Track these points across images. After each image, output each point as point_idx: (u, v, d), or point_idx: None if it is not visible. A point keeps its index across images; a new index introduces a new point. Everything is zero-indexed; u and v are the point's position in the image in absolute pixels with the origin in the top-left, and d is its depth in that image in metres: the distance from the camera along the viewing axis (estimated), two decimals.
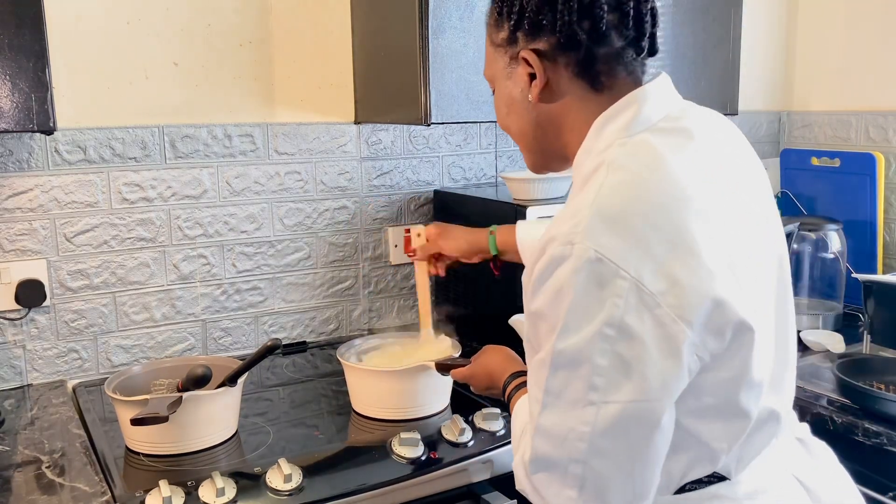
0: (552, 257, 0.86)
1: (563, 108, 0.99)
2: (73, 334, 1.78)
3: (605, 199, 0.86)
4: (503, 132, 2.30)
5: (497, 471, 1.48)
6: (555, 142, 1.03)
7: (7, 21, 1.33)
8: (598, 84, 0.96)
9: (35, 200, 1.71)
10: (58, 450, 1.43)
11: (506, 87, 1.03)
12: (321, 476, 1.34)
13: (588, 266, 0.83)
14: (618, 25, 0.94)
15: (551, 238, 0.88)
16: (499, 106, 1.07)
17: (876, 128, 1.94)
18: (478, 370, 1.33)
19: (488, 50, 1.05)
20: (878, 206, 1.96)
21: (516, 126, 1.06)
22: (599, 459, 0.86)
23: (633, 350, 0.83)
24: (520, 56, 0.98)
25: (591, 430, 0.85)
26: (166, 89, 1.81)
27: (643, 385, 0.84)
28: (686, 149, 0.92)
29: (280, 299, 2.02)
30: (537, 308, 0.89)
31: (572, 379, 0.86)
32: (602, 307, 0.83)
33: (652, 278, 0.83)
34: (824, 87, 2.15)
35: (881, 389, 1.55)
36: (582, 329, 0.84)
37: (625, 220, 0.85)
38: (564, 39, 0.94)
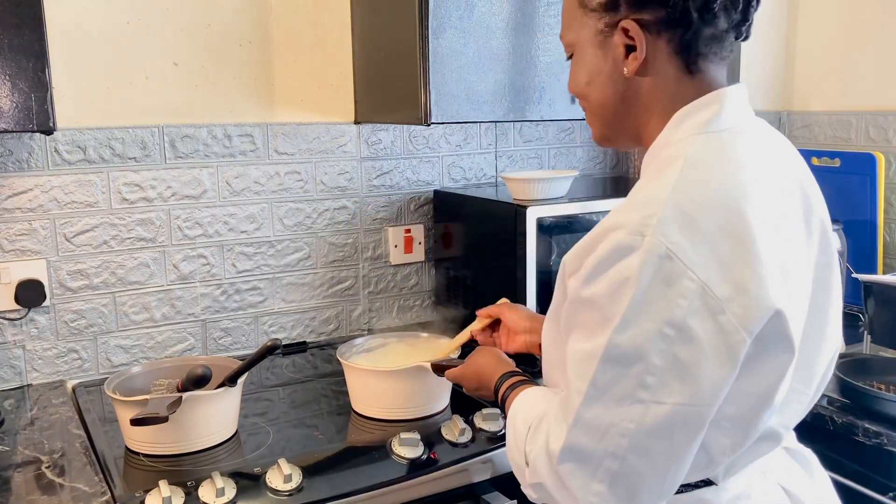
0: (619, 245, 0.84)
1: (652, 85, 0.95)
2: (72, 334, 1.78)
3: (680, 195, 0.85)
4: (502, 132, 2.32)
5: (497, 471, 1.48)
6: (635, 120, 0.98)
7: (7, 21, 1.33)
8: (692, 66, 0.94)
9: (35, 200, 1.71)
10: (58, 450, 1.43)
11: (592, 55, 0.97)
12: (321, 476, 1.34)
13: (657, 261, 0.81)
14: (728, 7, 0.91)
15: (617, 225, 0.85)
16: (577, 73, 1.00)
17: (876, 128, 1.94)
18: (467, 371, 1.32)
19: (572, 11, 0.98)
20: (878, 206, 1.96)
21: (598, 97, 0.99)
22: (638, 457, 0.85)
23: (690, 353, 0.82)
24: (620, 25, 0.92)
25: (636, 428, 0.84)
26: (166, 89, 1.81)
27: (695, 389, 0.83)
28: (757, 157, 0.92)
29: (280, 299, 2.01)
30: (591, 295, 0.86)
31: (623, 375, 0.84)
32: (666, 306, 0.81)
33: (719, 283, 0.82)
34: (824, 87, 2.15)
35: (881, 389, 1.55)
36: (641, 325, 0.82)
37: (698, 220, 0.83)
38: (675, 14, 0.90)
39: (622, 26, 0.92)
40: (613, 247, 0.84)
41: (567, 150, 2.41)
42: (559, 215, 1.79)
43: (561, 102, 1.88)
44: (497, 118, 1.81)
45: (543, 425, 0.96)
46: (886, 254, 2.08)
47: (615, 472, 0.86)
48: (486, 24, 1.74)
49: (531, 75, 1.82)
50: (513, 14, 1.77)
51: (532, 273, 1.76)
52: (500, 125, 2.28)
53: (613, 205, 1.84)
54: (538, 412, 1.01)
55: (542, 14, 1.81)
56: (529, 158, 2.35)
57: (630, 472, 0.86)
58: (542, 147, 2.36)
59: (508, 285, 1.82)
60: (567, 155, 2.42)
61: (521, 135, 2.32)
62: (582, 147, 2.44)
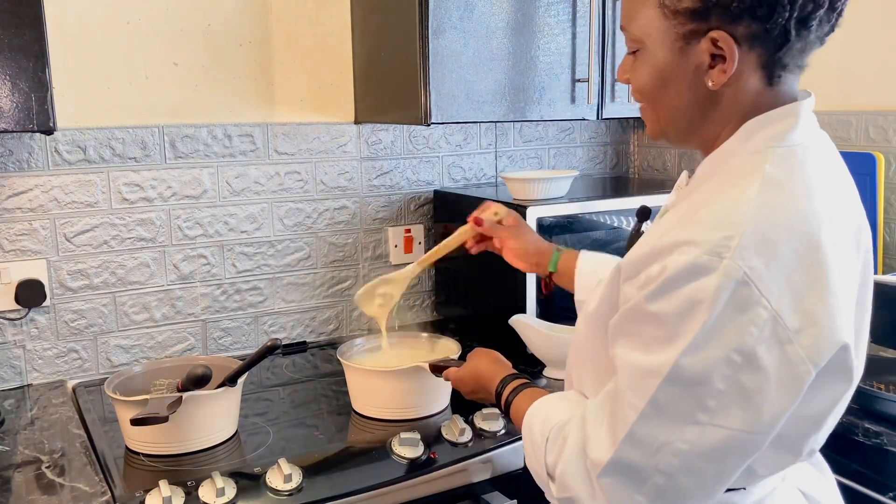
0: (694, 264, 0.81)
1: (732, 96, 0.91)
2: (73, 334, 1.78)
3: (762, 216, 0.82)
4: (502, 132, 2.32)
5: (497, 471, 1.48)
6: (707, 127, 0.94)
7: (7, 21, 1.33)
8: (774, 79, 0.90)
9: (35, 200, 1.71)
10: (58, 450, 1.43)
11: (668, 59, 0.92)
12: (321, 476, 1.34)
13: (733, 286, 0.79)
14: (822, 21, 0.87)
15: (691, 241, 0.82)
16: (644, 73, 0.95)
17: (876, 128, 1.94)
18: (464, 374, 1.30)
19: (645, 9, 0.92)
20: (878, 206, 1.96)
21: (672, 102, 0.94)
22: (687, 477, 0.85)
23: (755, 381, 0.81)
24: (709, 35, 0.87)
25: (689, 449, 0.83)
26: (166, 89, 1.81)
27: (755, 417, 0.82)
28: (826, 178, 0.90)
29: (280, 299, 2.01)
30: (658, 310, 0.84)
31: (684, 396, 0.83)
32: (737, 333, 0.80)
33: (790, 313, 0.80)
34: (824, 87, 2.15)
35: (881, 389, 1.55)
36: (710, 350, 0.81)
37: (777, 244, 0.81)
38: (773, 31, 0.86)
39: (712, 36, 0.87)
40: (688, 265, 0.82)
41: (567, 150, 2.41)
42: (559, 215, 1.79)
43: (561, 102, 1.88)
44: (497, 118, 1.81)
45: (568, 435, 0.95)
46: (886, 254, 2.08)
47: (661, 488, 0.85)
48: (486, 25, 1.74)
49: (531, 75, 1.82)
50: (513, 14, 1.77)
51: (532, 273, 1.76)
52: (500, 125, 2.28)
53: (613, 205, 1.86)
54: (558, 420, 0.99)
55: (542, 14, 1.81)
56: (529, 158, 2.35)
57: (676, 490, 0.85)
58: (542, 147, 2.36)
59: (508, 285, 1.82)
60: (567, 155, 2.42)
61: (521, 135, 2.32)
62: (582, 147, 2.44)
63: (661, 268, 0.84)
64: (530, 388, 1.15)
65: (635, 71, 0.96)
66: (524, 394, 1.14)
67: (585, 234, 1.85)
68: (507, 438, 1.50)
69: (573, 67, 1.88)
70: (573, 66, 1.88)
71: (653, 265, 0.85)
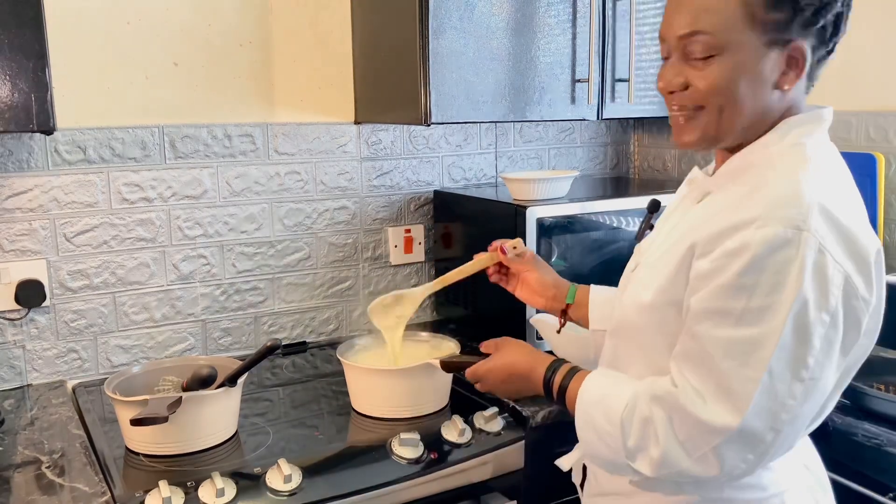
0: (777, 237, 0.92)
1: (788, 98, 1.03)
2: (72, 334, 1.78)
3: (822, 195, 0.95)
4: (503, 132, 2.31)
5: (497, 471, 1.48)
6: (761, 126, 1.04)
7: (7, 21, 1.33)
8: (812, 83, 1.06)
9: (35, 200, 1.71)
10: (58, 450, 1.43)
11: (749, 63, 1.00)
12: (321, 476, 1.34)
13: (814, 255, 0.92)
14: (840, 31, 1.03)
15: (765, 217, 0.93)
16: (722, 75, 1.01)
17: (876, 128, 1.94)
18: (496, 365, 1.26)
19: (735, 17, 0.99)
20: (878, 206, 1.96)
21: (744, 103, 1.02)
22: (791, 429, 0.96)
23: (836, 335, 0.95)
24: (792, 44, 0.99)
25: (797, 404, 0.94)
26: (166, 89, 1.81)
27: (833, 366, 0.96)
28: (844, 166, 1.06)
29: (280, 299, 2.01)
30: (749, 284, 0.93)
31: (793, 359, 0.93)
32: (824, 296, 0.93)
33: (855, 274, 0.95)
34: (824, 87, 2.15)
35: (881, 389, 1.55)
36: (809, 315, 0.92)
37: (837, 221, 0.95)
38: (829, 47, 1.02)
39: (794, 45, 1.00)
40: (772, 238, 0.92)
41: (567, 150, 2.41)
42: (559, 215, 1.79)
43: (561, 102, 1.88)
44: (497, 118, 1.81)
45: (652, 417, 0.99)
46: (887, 254, 2.08)
47: (769, 443, 0.95)
48: (487, 25, 1.74)
49: (531, 75, 1.82)
50: (513, 14, 1.77)
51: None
52: (500, 125, 2.28)
53: (614, 205, 1.86)
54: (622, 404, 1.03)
55: (542, 14, 1.81)
56: (529, 158, 2.35)
57: (780, 442, 0.96)
58: (542, 147, 2.36)
59: None
60: (567, 155, 2.42)
61: (521, 135, 2.32)
62: (582, 147, 2.44)
63: (742, 243, 0.93)
64: (581, 370, 1.15)
65: (707, 74, 1.02)
66: (577, 377, 1.13)
67: (586, 235, 1.85)
68: (508, 438, 1.50)
69: (573, 67, 1.88)
70: (573, 66, 1.87)
71: (727, 241, 0.95)
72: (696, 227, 1.02)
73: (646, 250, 1.16)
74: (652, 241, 1.16)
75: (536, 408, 1.56)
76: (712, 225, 0.98)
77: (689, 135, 1.06)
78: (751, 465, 0.97)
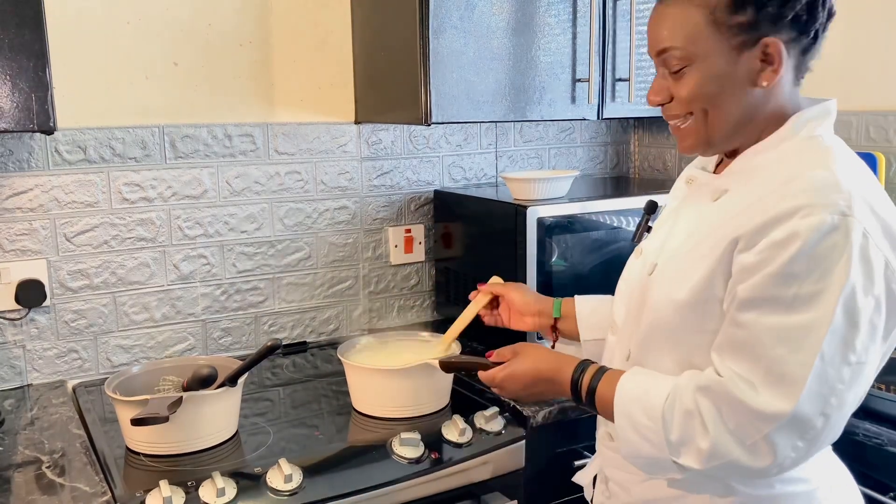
0: (825, 223, 0.93)
1: (775, 95, 1.05)
2: (73, 334, 1.78)
3: (856, 183, 0.97)
4: (503, 132, 2.31)
5: (497, 471, 1.48)
6: (754, 125, 1.06)
7: (7, 21, 1.33)
8: (800, 77, 1.06)
9: (35, 200, 1.71)
10: (58, 450, 1.43)
11: (723, 67, 1.03)
12: (321, 476, 1.34)
13: (860, 240, 0.93)
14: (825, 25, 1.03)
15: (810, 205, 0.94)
16: (699, 84, 1.04)
17: (876, 128, 1.94)
18: (517, 370, 1.23)
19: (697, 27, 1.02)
20: None
21: (727, 106, 1.05)
22: (839, 413, 0.96)
23: (880, 319, 0.96)
24: (761, 42, 1.00)
25: (845, 388, 0.95)
26: (166, 89, 1.81)
27: (878, 350, 0.98)
28: None
29: (280, 299, 2.01)
30: (799, 271, 0.94)
31: (842, 343, 0.94)
32: (869, 280, 0.94)
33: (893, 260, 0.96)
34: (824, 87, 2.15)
35: (881, 389, 1.55)
36: (857, 298, 0.93)
37: (874, 207, 0.97)
38: (809, 37, 1.02)
39: (764, 43, 1.00)
40: (820, 225, 0.93)
41: (567, 150, 2.41)
42: (559, 215, 1.79)
43: (561, 102, 1.88)
44: (497, 118, 1.81)
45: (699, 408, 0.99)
46: None
47: (819, 429, 0.95)
48: (487, 24, 1.74)
49: (531, 75, 1.82)
50: (513, 14, 1.77)
51: (532, 273, 1.76)
52: (500, 125, 2.28)
53: (614, 205, 1.86)
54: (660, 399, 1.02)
55: (543, 14, 1.81)
56: (529, 158, 2.35)
57: (830, 427, 0.96)
58: (543, 147, 2.36)
59: None
60: (567, 155, 2.42)
61: (522, 135, 2.32)
62: (582, 147, 2.44)
63: (790, 232, 0.94)
64: (609, 370, 1.14)
65: (684, 85, 1.05)
66: (607, 377, 1.12)
67: (586, 234, 1.85)
68: (507, 438, 1.50)
69: (573, 67, 1.88)
70: (573, 65, 1.87)
71: (772, 232, 0.95)
72: (726, 222, 1.02)
73: (658, 250, 1.14)
74: (663, 241, 1.14)
75: (536, 408, 1.56)
76: (750, 218, 0.98)
77: (686, 140, 1.10)
78: (800, 453, 0.97)
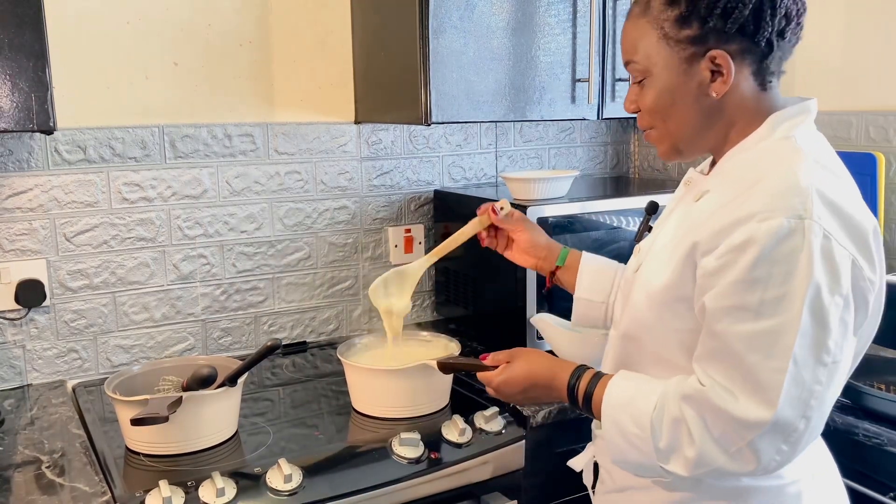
0: (782, 227, 0.94)
1: (734, 102, 1.06)
2: (72, 334, 1.78)
3: (819, 184, 0.97)
4: (503, 132, 2.31)
5: (497, 471, 1.48)
6: (717, 132, 1.09)
7: (7, 21, 1.33)
8: (766, 83, 1.07)
9: (35, 200, 1.71)
10: (58, 450, 1.43)
11: (675, 80, 1.07)
12: (321, 476, 1.34)
13: (820, 241, 0.94)
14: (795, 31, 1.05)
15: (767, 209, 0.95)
16: (654, 96, 1.09)
17: (876, 128, 1.94)
18: (514, 374, 1.23)
19: (649, 41, 1.07)
20: (878, 206, 1.96)
21: (682, 117, 1.08)
22: (818, 414, 0.97)
23: (850, 316, 0.97)
24: (708, 55, 1.03)
25: (823, 389, 0.96)
26: (166, 89, 1.81)
27: (852, 346, 0.99)
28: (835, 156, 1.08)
29: (280, 299, 2.01)
30: (761, 276, 0.94)
31: (814, 344, 0.95)
32: (835, 279, 0.94)
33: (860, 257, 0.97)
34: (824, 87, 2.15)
35: (881, 389, 1.55)
36: (823, 300, 0.94)
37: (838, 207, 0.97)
38: (760, 44, 1.03)
39: (711, 55, 1.03)
40: (777, 229, 0.94)
41: (567, 150, 2.41)
42: (559, 215, 1.79)
43: (561, 102, 1.88)
44: (497, 118, 1.81)
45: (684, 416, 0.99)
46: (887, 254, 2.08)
47: (801, 431, 0.96)
48: (487, 24, 1.74)
49: (531, 75, 1.82)
50: (513, 14, 1.77)
51: (532, 273, 1.76)
52: (500, 125, 2.28)
53: (614, 205, 1.86)
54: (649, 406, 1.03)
55: (543, 14, 1.81)
56: (529, 158, 2.35)
57: (811, 428, 0.97)
58: (543, 147, 2.36)
59: (508, 285, 1.82)
60: (567, 155, 2.42)
61: (522, 135, 2.32)
62: (582, 147, 2.44)
63: (747, 237, 0.95)
64: (606, 375, 1.14)
65: (644, 97, 1.10)
66: (603, 382, 1.12)
67: (586, 234, 1.85)
68: (508, 438, 1.50)
69: (573, 67, 1.88)
70: (573, 65, 1.87)
71: (731, 236, 0.96)
72: (696, 224, 1.04)
73: (648, 250, 1.16)
74: (653, 241, 1.16)
75: (536, 408, 1.55)
76: (713, 222, 1.00)
77: (658, 147, 1.15)
78: (785, 456, 0.97)
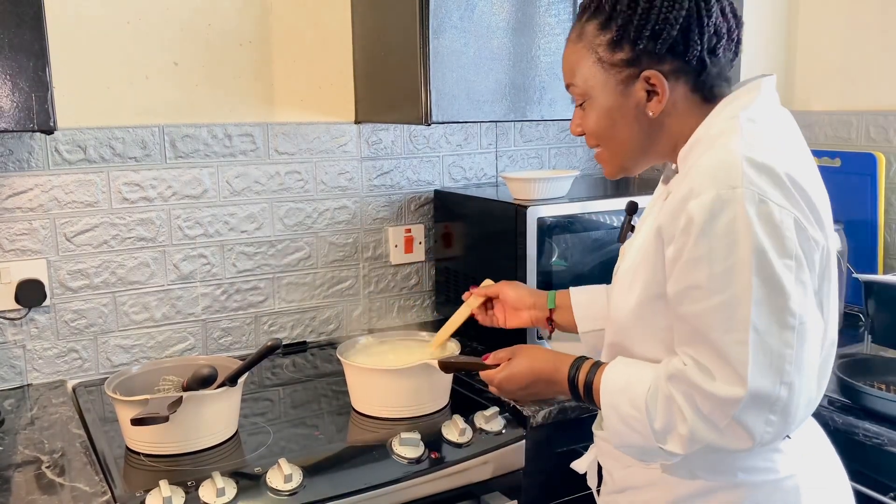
0: (715, 200, 0.94)
1: (676, 118, 1.09)
2: (73, 334, 1.78)
3: (750, 149, 0.97)
4: (503, 132, 2.31)
5: (497, 471, 1.48)
6: (661, 147, 1.12)
7: (7, 21, 1.33)
8: (710, 95, 1.09)
9: (35, 200, 1.71)
10: (58, 450, 1.43)
11: (613, 102, 1.10)
12: (321, 476, 1.34)
13: (756, 206, 0.93)
14: (726, 47, 1.08)
15: (700, 186, 0.96)
16: (596, 118, 1.12)
17: (877, 128, 1.94)
18: (516, 371, 1.24)
19: (587, 65, 1.10)
20: (878, 206, 1.96)
21: (623, 136, 1.11)
22: (800, 378, 0.96)
23: (805, 275, 0.96)
24: (642, 76, 1.06)
25: (794, 352, 0.95)
26: (166, 89, 1.81)
27: (813, 302, 0.98)
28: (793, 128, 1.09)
29: (280, 299, 2.01)
30: (705, 253, 0.95)
31: (773, 310, 0.94)
32: (781, 242, 0.94)
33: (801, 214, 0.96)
34: (825, 87, 2.15)
35: (881, 389, 1.55)
36: (773, 264, 0.94)
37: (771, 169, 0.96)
38: (691, 62, 1.06)
39: (644, 76, 1.06)
40: (711, 203, 0.94)
41: (567, 150, 2.41)
42: (559, 215, 1.79)
43: (561, 102, 1.88)
44: (497, 118, 1.81)
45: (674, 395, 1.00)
46: (887, 254, 2.08)
47: (786, 399, 0.96)
48: (487, 24, 1.74)
49: (531, 75, 1.82)
50: (513, 14, 1.77)
51: (532, 273, 1.76)
52: (500, 125, 2.28)
53: (614, 205, 1.86)
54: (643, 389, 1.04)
55: (543, 14, 1.81)
56: (530, 158, 2.35)
57: (796, 394, 0.96)
58: (543, 147, 2.36)
59: None
60: (567, 155, 2.42)
61: (522, 135, 2.32)
62: (582, 147, 2.44)
63: (687, 218, 0.96)
64: (604, 364, 1.15)
65: (586, 119, 1.14)
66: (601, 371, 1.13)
67: (586, 234, 1.85)
68: (508, 438, 1.50)
69: None
70: None
71: (676, 221, 0.98)
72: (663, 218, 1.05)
73: (627, 251, 1.18)
74: (632, 242, 1.17)
75: (536, 407, 1.56)
76: (668, 212, 1.02)
77: (605, 168, 1.18)
78: (777, 427, 0.97)
